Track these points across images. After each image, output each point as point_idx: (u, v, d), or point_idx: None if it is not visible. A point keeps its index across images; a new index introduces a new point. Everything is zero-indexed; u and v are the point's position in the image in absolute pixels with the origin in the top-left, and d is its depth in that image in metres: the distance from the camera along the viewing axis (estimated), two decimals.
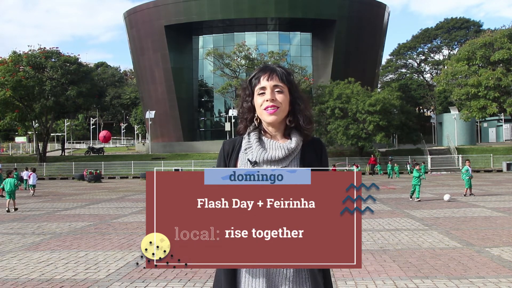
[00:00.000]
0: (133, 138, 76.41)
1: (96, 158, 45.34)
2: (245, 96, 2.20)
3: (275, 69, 2.16)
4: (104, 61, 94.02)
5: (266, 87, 2.11)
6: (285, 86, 2.13)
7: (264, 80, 2.12)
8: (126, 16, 53.07)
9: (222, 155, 2.23)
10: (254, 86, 2.16)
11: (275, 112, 2.09)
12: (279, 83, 2.12)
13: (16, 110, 41.42)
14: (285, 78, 2.14)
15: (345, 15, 47.51)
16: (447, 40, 71.91)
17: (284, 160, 2.10)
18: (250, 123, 2.19)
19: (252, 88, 2.17)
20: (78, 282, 6.10)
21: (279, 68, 2.18)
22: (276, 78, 2.12)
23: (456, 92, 37.73)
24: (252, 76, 2.19)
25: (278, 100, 2.10)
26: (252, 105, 2.18)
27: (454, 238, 8.69)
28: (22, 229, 11.00)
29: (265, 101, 2.10)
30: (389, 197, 17.26)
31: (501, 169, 36.17)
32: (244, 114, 2.21)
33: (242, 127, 2.23)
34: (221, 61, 41.94)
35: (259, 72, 2.16)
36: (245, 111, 2.20)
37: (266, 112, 2.09)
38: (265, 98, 2.10)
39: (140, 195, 20.65)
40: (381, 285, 5.77)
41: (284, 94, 2.12)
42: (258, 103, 2.13)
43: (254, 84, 2.16)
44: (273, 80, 2.11)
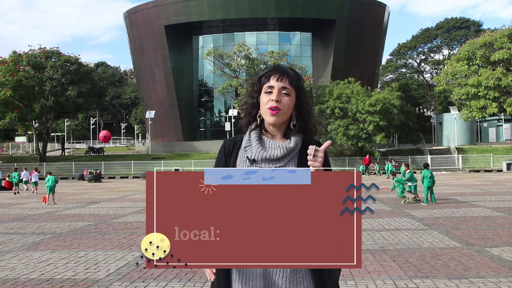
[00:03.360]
0: (133, 138, 76.39)
1: (96, 158, 45.35)
2: (252, 92, 2.21)
3: (287, 71, 2.16)
4: (104, 61, 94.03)
5: (274, 87, 2.11)
6: (293, 90, 2.14)
7: (273, 79, 2.12)
8: (126, 16, 53.06)
9: (223, 152, 2.24)
10: (263, 84, 2.16)
11: (277, 113, 2.10)
12: (288, 86, 2.12)
13: (16, 110, 41.42)
14: (295, 82, 2.15)
15: (345, 15, 47.51)
16: (447, 40, 71.91)
17: (282, 160, 2.11)
18: (253, 119, 2.20)
19: (261, 85, 2.17)
20: (78, 282, 6.10)
21: (291, 71, 2.18)
22: (286, 80, 2.12)
23: (456, 92, 37.72)
24: (263, 73, 2.19)
25: (283, 103, 2.10)
26: (257, 102, 2.18)
27: (454, 238, 8.69)
28: (22, 229, 11.00)
29: (270, 101, 2.10)
30: (389, 197, 17.26)
31: (501, 169, 36.17)
32: (248, 109, 2.22)
33: (245, 122, 2.24)
34: (221, 61, 41.93)
35: (271, 71, 2.17)
36: (250, 106, 2.21)
37: (268, 111, 2.10)
38: (271, 98, 2.10)
39: (140, 195, 20.66)
40: (381, 285, 5.77)
41: (290, 98, 2.12)
42: (263, 101, 2.13)
43: (263, 82, 2.17)
44: (282, 82, 2.12)
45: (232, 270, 2.10)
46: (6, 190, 26.46)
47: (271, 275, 2.05)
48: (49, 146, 52.02)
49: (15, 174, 26.19)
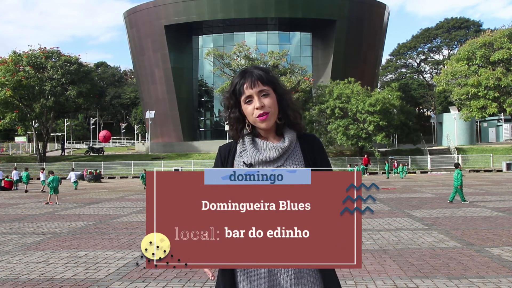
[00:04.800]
0: (133, 138, 76.40)
1: (96, 158, 45.36)
2: (230, 107, 2.17)
3: (254, 73, 2.12)
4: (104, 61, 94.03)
5: (252, 95, 2.09)
6: (269, 88, 2.11)
7: (247, 89, 2.09)
8: (126, 16, 53.05)
9: (219, 159, 2.23)
10: (239, 96, 2.13)
11: (267, 118, 2.08)
12: (263, 87, 2.09)
13: (16, 110, 41.41)
14: (266, 79, 2.11)
15: (345, 15, 47.50)
16: (447, 40, 71.93)
17: (279, 160, 2.11)
18: (241, 130, 2.18)
19: (237, 98, 2.14)
20: (78, 282, 6.10)
21: (257, 70, 2.14)
22: (258, 83, 2.09)
23: (456, 92, 37.73)
24: (234, 87, 2.14)
25: (267, 105, 2.08)
26: (240, 115, 2.15)
27: (454, 238, 8.69)
28: (22, 229, 11.00)
29: (255, 110, 2.08)
30: (389, 197, 17.26)
31: (501, 169, 36.18)
32: (233, 125, 2.19)
33: (233, 134, 2.21)
34: (221, 61, 41.92)
35: (240, 81, 2.12)
36: (234, 122, 2.18)
37: (258, 119, 2.08)
38: (254, 106, 2.08)
39: (140, 195, 20.66)
40: (381, 285, 5.77)
41: (271, 97, 2.11)
42: (248, 112, 2.11)
43: (238, 95, 2.13)
44: (256, 87, 2.09)
45: (237, 270, 2.10)
46: (6, 190, 26.47)
47: (276, 275, 2.05)
48: (49, 146, 52.01)
49: (25, 174, 27.48)
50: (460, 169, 15.27)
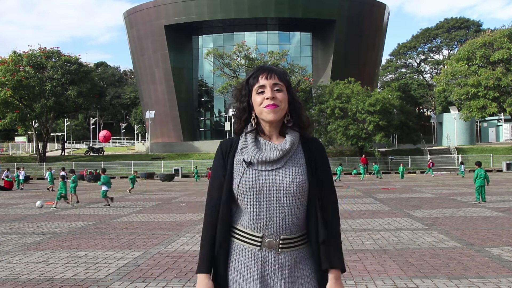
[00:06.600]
0: (133, 138, 76.40)
1: (96, 158, 45.35)
2: (240, 97, 2.17)
3: (274, 68, 2.15)
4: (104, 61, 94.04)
5: (266, 85, 2.09)
6: (284, 85, 2.12)
7: (263, 79, 2.10)
8: (126, 16, 53.07)
9: (221, 153, 2.19)
10: (252, 86, 2.13)
11: (276, 108, 2.07)
12: (279, 82, 2.10)
13: (16, 110, 41.41)
14: (284, 77, 2.13)
15: (345, 15, 47.51)
16: (447, 40, 71.93)
17: (279, 161, 2.08)
18: (245, 123, 2.17)
19: (249, 87, 2.14)
20: (78, 282, 6.09)
21: (277, 67, 2.18)
22: (275, 76, 2.10)
23: (456, 92, 37.73)
24: (249, 76, 2.16)
25: (278, 99, 2.08)
26: (247, 105, 2.15)
27: (454, 238, 8.69)
28: (22, 229, 11.00)
29: (265, 99, 2.07)
30: (389, 197, 17.26)
31: (501, 169, 36.18)
32: (238, 114, 2.19)
33: (238, 128, 2.21)
34: (221, 61, 41.94)
35: (257, 71, 2.14)
36: (241, 111, 2.17)
37: (266, 109, 2.07)
38: (265, 96, 2.08)
39: (140, 195, 20.65)
40: (381, 285, 5.77)
41: (284, 93, 2.10)
42: (257, 101, 2.10)
43: (252, 84, 2.13)
44: (272, 79, 2.10)
45: (230, 271, 2.08)
46: (6, 190, 26.46)
47: (269, 277, 2.02)
48: (49, 146, 52.02)
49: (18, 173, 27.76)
50: (482, 168, 14.83)
